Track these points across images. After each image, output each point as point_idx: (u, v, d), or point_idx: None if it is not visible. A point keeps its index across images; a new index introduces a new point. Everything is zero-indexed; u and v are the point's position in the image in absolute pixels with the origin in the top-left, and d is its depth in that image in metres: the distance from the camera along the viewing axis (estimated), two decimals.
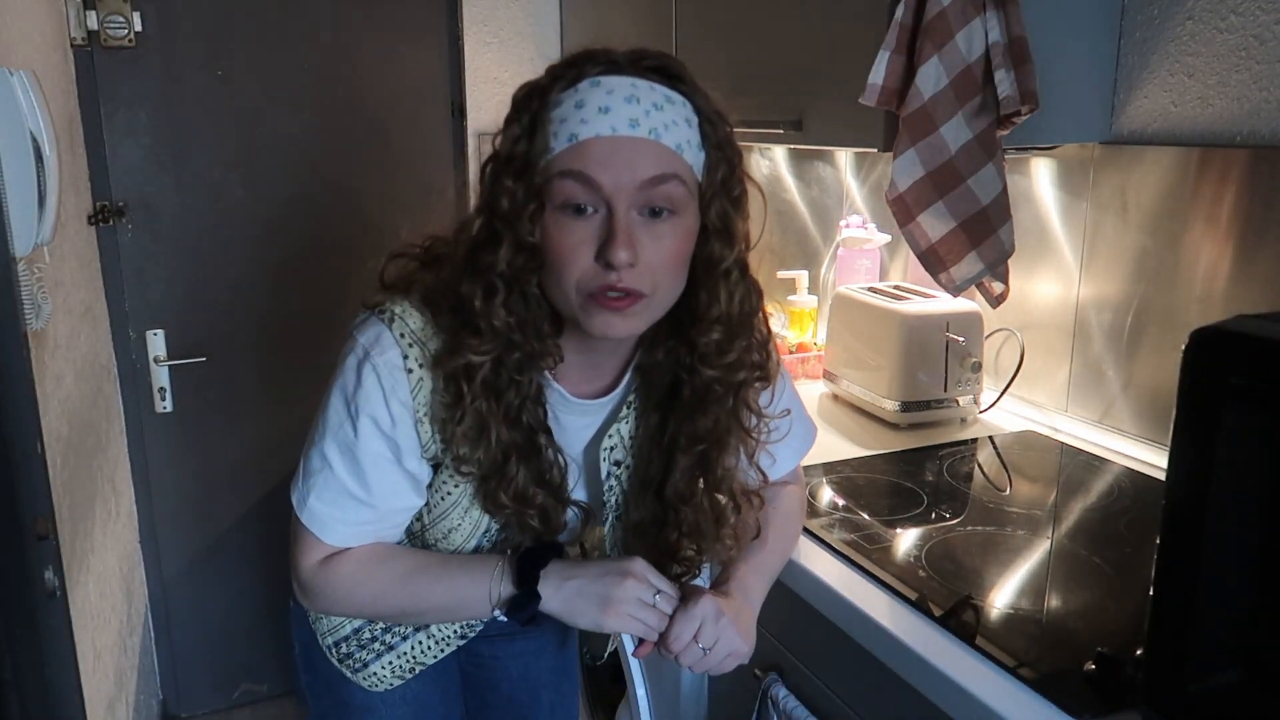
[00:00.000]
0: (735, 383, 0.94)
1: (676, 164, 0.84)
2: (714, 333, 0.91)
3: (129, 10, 2.09)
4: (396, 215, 2.42)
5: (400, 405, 0.90)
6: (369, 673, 1.09)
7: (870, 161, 1.98)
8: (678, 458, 0.96)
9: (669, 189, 0.84)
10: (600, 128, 0.82)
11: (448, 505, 0.98)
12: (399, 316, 0.91)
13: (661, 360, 0.96)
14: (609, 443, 1.00)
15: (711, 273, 0.90)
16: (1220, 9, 1.30)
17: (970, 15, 1.27)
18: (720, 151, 0.88)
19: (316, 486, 0.93)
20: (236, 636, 2.48)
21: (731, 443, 0.97)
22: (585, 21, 2.37)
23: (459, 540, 1.00)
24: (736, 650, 0.95)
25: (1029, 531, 1.21)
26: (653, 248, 0.84)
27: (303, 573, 0.96)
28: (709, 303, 0.91)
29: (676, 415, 0.96)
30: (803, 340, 1.99)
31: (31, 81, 1.30)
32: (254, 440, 2.38)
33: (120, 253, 2.21)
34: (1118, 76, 1.44)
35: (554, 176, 0.83)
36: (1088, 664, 0.88)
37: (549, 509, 0.95)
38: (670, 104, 0.85)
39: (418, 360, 0.90)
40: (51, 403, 1.48)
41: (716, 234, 0.89)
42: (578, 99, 0.83)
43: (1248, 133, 1.28)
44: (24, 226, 1.25)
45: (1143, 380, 1.46)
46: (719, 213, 0.89)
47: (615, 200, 0.82)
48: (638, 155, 0.82)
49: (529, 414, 0.91)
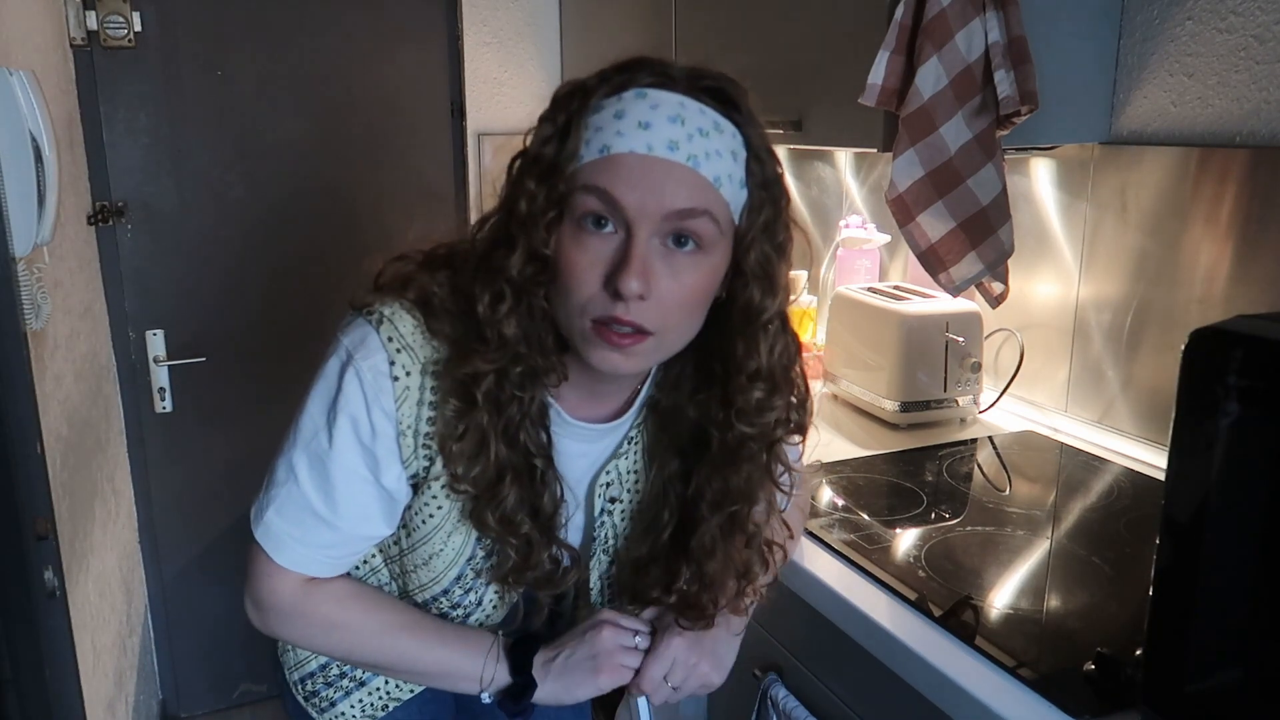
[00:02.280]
0: (770, 440, 0.89)
1: (711, 198, 0.77)
2: (755, 391, 0.85)
3: (129, 10, 2.09)
4: (395, 215, 2.42)
5: (382, 415, 0.83)
6: (336, 713, 1.02)
7: (870, 162, 1.98)
8: (704, 513, 0.90)
9: (698, 225, 0.77)
10: (636, 144, 0.76)
11: (430, 529, 0.90)
12: (388, 319, 0.84)
13: (687, 408, 0.90)
14: (605, 478, 0.94)
15: (751, 323, 0.83)
16: (1220, 9, 1.30)
17: (970, 15, 1.27)
18: (766, 192, 0.81)
19: (277, 499, 0.87)
20: (236, 636, 2.48)
21: (761, 498, 0.91)
22: (585, 21, 2.37)
23: (440, 567, 0.92)
24: (708, 683, 0.94)
25: (1028, 532, 1.21)
26: (669, 283, 0.77)
27: (263, 593, 0.89)
28: (747, 355, 0.84)
29: (704, 469, 0.89)
30: (802, 340, 1.99)
31: (31, 81, 1.30)
32: (253, 440, 2.38)
33: (119, 253, 2.21)
34: (1118, 76, 1.44)
35: (578, 188, 0.77)
36: (1087, 664, 0.88)
37: (533, 542, 0.88)
38: (718, 132, 0.78)
39: (404, 367, 0.83)
40: (51, 403, 1.48)
41: (756, 280, 0.82)
42: (619, 108, 0.77)
43: (1247, 133, 1.28)
44: (24, 226, 1.25)
45: (1142, 380, 1.47)
46: (759, 259, 0.82)
47: (637, 225, 0.76)
48: (670, 182, 0.76)
49: (528, 434, 0.85)
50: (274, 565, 0.89)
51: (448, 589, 0.94)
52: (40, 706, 0.96)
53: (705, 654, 0.94)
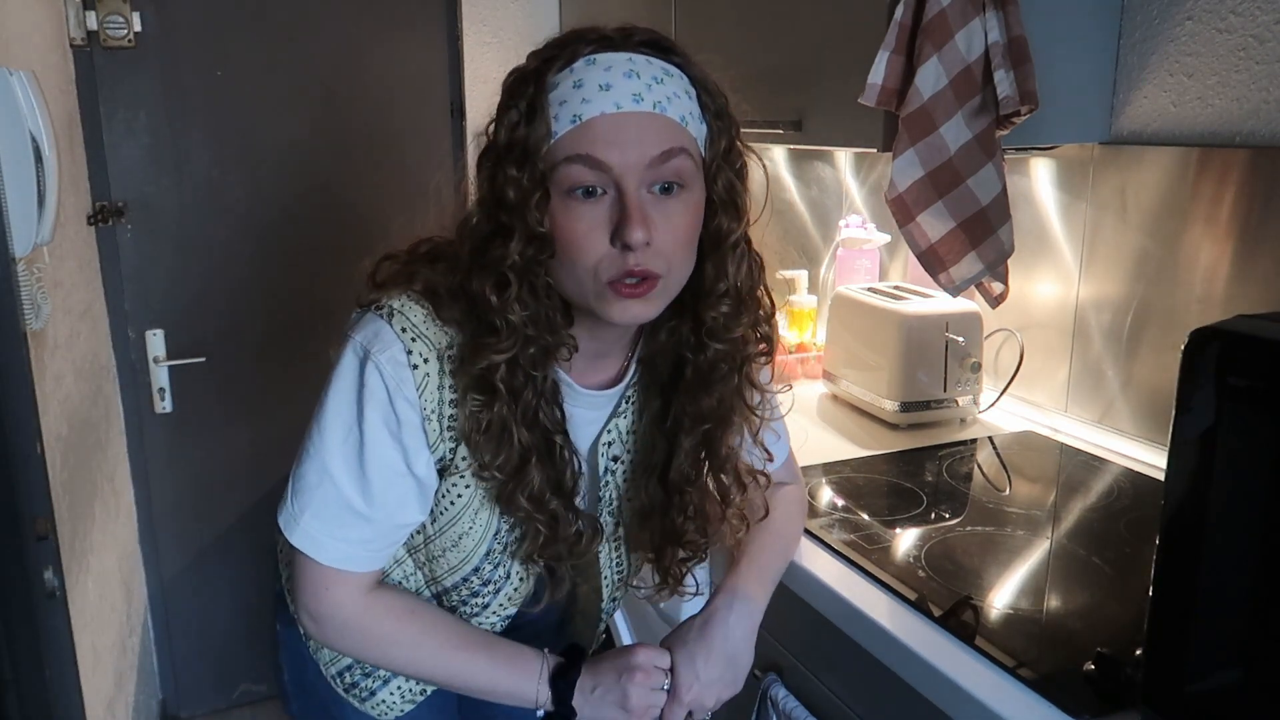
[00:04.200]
0: (741, 358, 0.93)
1: (683, 137, 0.82)
2: (722, 306, 0.89)
3: (128, 10, 2.09)
4: (395, 215, 2.38)
5: (406, 403, 0.86)
6: (377, 700, 1.04)
7: (870, 161, 1.98)
8: (681, 439, 0.95)
9: (678, 163, 0.82)
10: (604, 105, 0.79)
11: (458, 510, 0.94)
12: (398, 311, 0.87)
13: (664, 341, 0.94)
14: (607, 438, 0.99)
15: (719, 246, 0.88)
16: (1220, 9, 1.30)
17: (970, 15, 1.27)
18: (721, 122, 0.86)
19: (314, 504, 0.88)
20: (236, 636, 2.48)
21: (735, 421, 0.96)
22: (584, 21, 2.37)
23: (470, 545, 0.96)
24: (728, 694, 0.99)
25: (1028, 532, 1.21)
26: (665, 226, 0.81)
27: (321, 607, 0.91)
28: (717, 276, 0.89)
29: (680, 397, 0.94)
30: (802, 340, 1.99)
31: (31, 82, 1.30)
32: (253, 440, 2.38)
33: (119, 253, 2.21)
34: (1117, 76, 1.44)
35: (559, 162, 0.80)
36: (1087, 664, 0.88)
37: (559, 516, 0.92)
38: (669, 76, 0.83)
39: (421, 355, 0.86)
40: (51, 403, 1.48)
41: (724, 206, 0.87)
42: (575, 79, 0.81)
43: (1247, 133, 1.28)
44: (23, 226, 1.25)
45: (1142, 380, 1.47)
46: (725, 185, 0.87)
47: (625, 180, 0.80)
48: (645, 131, 0.80)
49: (545, 414, 0.89)
50: (327, 578, 0.91)
51: (478, 566, 0.98)
52: (40, 706, 0.96)
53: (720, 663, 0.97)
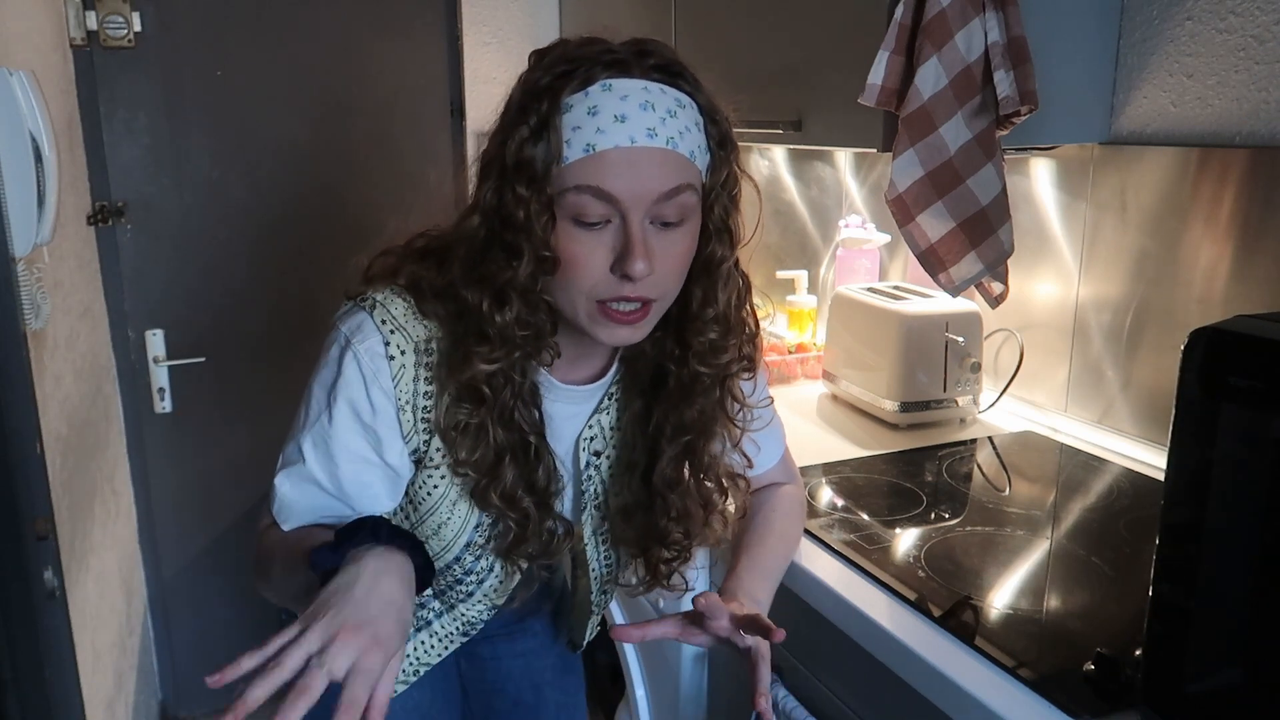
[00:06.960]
0: (723, 375, 0.95)
1: (690, 173, 0.84)
2: (710, 332, 0.91)
3: (128, 10, 2.09)
4: (395, 215, 2.37)
5: (381, 393, 0.89)
6: None
7: (870, 162, 1.98)
8: (664, 446, 0.96)
9: (684, 199, 0.83)
10: (619, 138, 0.80)
11: (435, 500, 0.96)
12: (380, 304, 0.90)
13: (647, 350, 0.96)
14: (589, 433, 1.00)
15: (711, 272, 0.90)
16: (1219, 9, 1.30)
17: (969, 15, 1.27)
18: (723, 150, 0.88)
19: (291, 476, 0.92)
20: (236, 636, 2.47)
21: (717, 431, 0.98)
22: (584, 22, 2.37)
23: (450, 535, 0.98)
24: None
25: (1028, 532, 1.21)
26: (664, 256, 0.83)
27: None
28: (705, 301, 0.90)
29: (662, 404, 0.96)
30: (802, 340, 1.99)
31: (31, 82, 1.30)
32: (253, 440, 2.38)
33: (119, 253, 2.21)
34: (1117, 77, 1.44)
35: (568, 189, 0.81)
36: (1087, 664, 0.88)
37: (530, 516, 0.94)
38: (681, 109, 0.84)
39: (399, 347, 0.89)
40: (51, 403, 1.48)
41: (718, 234, 0.89)
42: (590, 104, 0.81)
43: (1247, 133, 1.28)
44: (23, 226, 1.25)
45: (1142, 380, 1.47)
46: (722, 212, 0.89)
47: (631, 212, 0.81)
48: (655, 166, 0.81)
49: (522, 414, 0.90)
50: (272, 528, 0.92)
51: (459, 556, 1.00)
52: (40, 706, 0.96)
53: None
